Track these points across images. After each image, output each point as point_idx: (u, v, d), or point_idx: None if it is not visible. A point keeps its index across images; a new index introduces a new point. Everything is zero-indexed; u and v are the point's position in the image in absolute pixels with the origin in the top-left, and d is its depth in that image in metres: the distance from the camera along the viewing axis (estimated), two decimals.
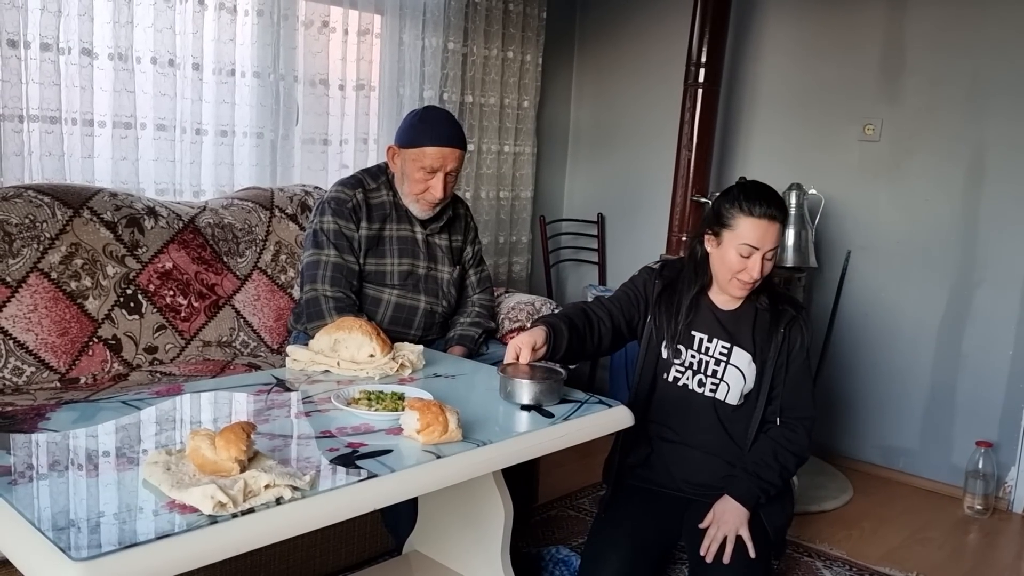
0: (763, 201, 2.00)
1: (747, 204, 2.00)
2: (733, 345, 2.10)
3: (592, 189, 4.32)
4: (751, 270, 2.01)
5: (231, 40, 2.85)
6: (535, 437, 1.63)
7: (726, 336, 2.11)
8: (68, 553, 1.05)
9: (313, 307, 2.30)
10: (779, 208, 2.02)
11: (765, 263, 2.02)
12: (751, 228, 1.99)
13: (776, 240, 2.02)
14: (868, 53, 3.40)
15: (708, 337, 2.12)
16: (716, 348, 2.11)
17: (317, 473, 1.33)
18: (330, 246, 2.32)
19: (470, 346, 2.46)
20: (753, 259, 2.00)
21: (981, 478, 3.08)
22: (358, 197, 2.36)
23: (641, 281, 2.21)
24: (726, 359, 2.10)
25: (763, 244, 2.00)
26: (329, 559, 2.27)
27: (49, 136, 2.48)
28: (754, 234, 1.99)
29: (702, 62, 3.37)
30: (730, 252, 2.03)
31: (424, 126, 2.32)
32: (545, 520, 2.80)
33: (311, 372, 1.93)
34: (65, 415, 1.57)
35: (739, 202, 2.02)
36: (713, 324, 2.13)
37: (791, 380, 2.10)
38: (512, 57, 3.85)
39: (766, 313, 2.11)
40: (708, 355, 2.11)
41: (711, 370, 2.10)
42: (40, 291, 2.21)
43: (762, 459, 2.03)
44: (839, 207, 3.46)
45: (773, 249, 2.02)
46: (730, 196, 2.06)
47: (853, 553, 2.71)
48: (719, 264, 2.07)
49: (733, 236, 2.02)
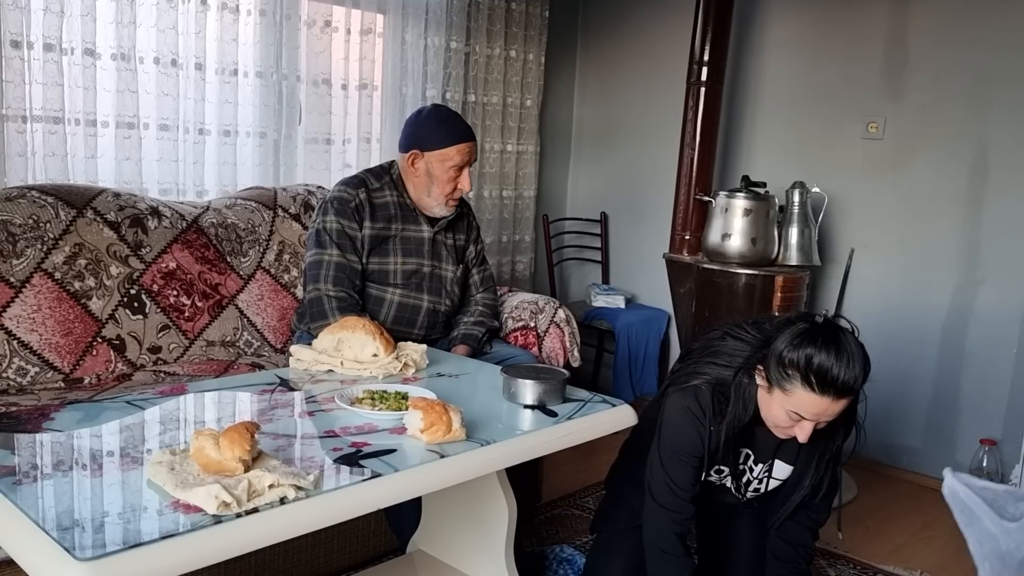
0: (836, 372, 1.55)
1: (814, 374, 1.56)
2: (774, 460, 1.87)
3: (595, 188, 4.32)
4: (799, 434, 1.66)
5: (234, 40, 2.85)
6: (539, 436, 1.63)
7: (767, 456, 1.86)
8: (72, 553, 1.05)
9: (316, 307, 2.30)
10: (855, 379, 1.56)
11: (819, 426, 1.66)
12: (809, 403, 1.59)
13: (836, 414, 1.62)
14: (871, 50, 3.39)
15: (754, 456, 1.86)
16: (760, 470, 1.88)
17: (321, 473, 1.33)
18: (332, 246, 2.33)
19: (474, 345, 2.46)
20: (804, 425, 1.64)
21: (985, 476, 3.07)
22: (361, 197, 2.37)
23: (694, 436, 1.77)
24: (768, 475, 1.90)
25: (818, 418, 1.63)
26: (333, 558, 2.27)
27: (52, 136, 2.48)
28: (812, 410, 1.60)
29: (705, 60, 3.36)
30: (777, 409, 1.66)
31: (445, 126, 2.36)
32: (549, 519, 2.80)
33: (315, 372, 1.93)
34: (69, 415, 1.57)
35: (804, 367, 1.57)
36: (760, 444, 1.85)
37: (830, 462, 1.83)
38: (515, 56, 3.85)
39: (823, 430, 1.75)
40: (752, 475, 1.90)
41: (753, 487, 1.92)
42: (44, 291, 2.21)
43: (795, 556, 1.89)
44: (843, 205, 3.45)
45: (832, 420, 1.65)
46: (796, 349, 1.59)
47: (857, 551, 2.71)
48: (766, 410, 1.71)
49: (784, 399, 1.63)
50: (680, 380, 1.84)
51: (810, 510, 1.91)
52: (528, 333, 2.67)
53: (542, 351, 2.64)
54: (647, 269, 4.00)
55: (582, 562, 2.29)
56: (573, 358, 2.68)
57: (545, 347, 2.65)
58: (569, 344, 2.68)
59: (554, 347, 2.65)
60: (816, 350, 1.56)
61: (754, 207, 3.09)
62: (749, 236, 3.08)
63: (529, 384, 1.74)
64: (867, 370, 1.60)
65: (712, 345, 1.86)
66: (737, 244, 3.09)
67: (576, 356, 2.70)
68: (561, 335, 2.67)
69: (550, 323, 2.66)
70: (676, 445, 1.78)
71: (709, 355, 1.84)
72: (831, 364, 1.55)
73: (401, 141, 2.44)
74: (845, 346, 1.57)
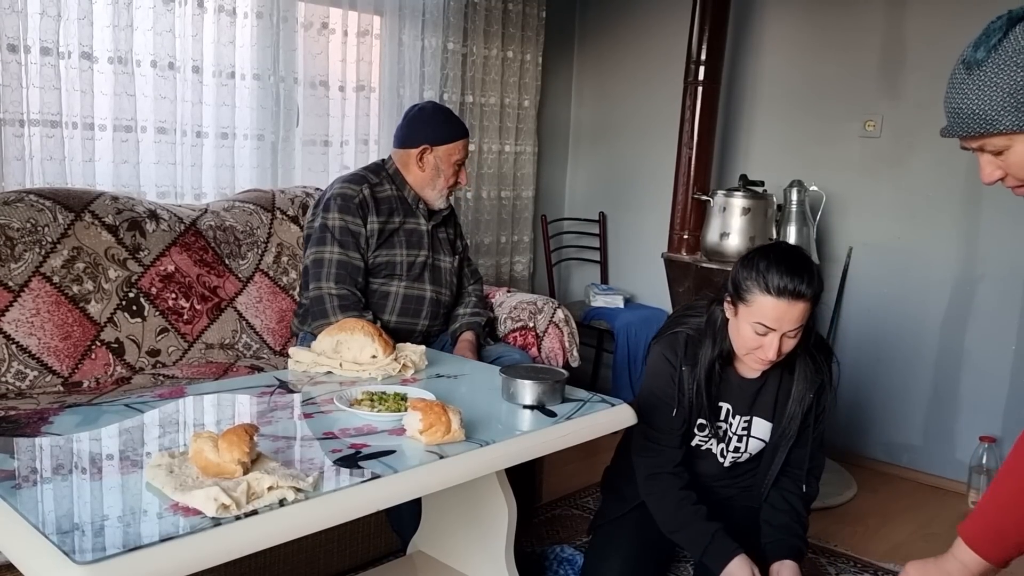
0: (787, 275, 1.72)
1: (767, 278, 1.73)
2: (753, 416, 1.98)
3: (593, 188, 4.32)
4: (767, 350, 1.78)
5: (231, 43, 2.85)
6: (538, 436, 1.63)
7: (746, 408, 1.97)
8: (72, 556, 1.05)
9: (317, 306, 2.31)
10: (807, 282, 1.73)
11: (785, 341, 1.78)
12: (769, 308, 1.74)
13: (800, 319, 1.75)
14: (868, 49, 3.39)
15: (732, 410, 1.97)
16: (738, 424, 1.98)
17: (320, 474, 1.33)
18: (334, 243, 2.34)
19: (478, 331, 2.54)
20: (770, 338, 1.77)
21: (985, 473, 3.07)
22: (364, 192, 2.39)
23: (665, 376, 1.94)
24: (747, 432, 1.99)
25: (781, 325, 1.75)
26: (333, 560, 2.27)
27: (50, 140, 2.48)
28: (772, 314, 1.74)
29: (702, 59, 3.36)
30: (744, 327, 1.80)
31: (450, 122, 2.47)
32: (549, 519, 2.80)
33: (313, 374, 1.93)
34: (68, 419, 1.57)
35: (758, 274, 1.75)
36: (737, 394, 1.96)
37: (814, 441, 1.97)
38: (512, 57, 3.85)
39: (792, 380, 1.93)
40: (732, 430, 1.99)
41: (733, 445, 2.01)
42: (42, 295, 2.21)
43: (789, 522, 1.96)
44: (840, 203, 3.46)
45: (797, 328, 1.77)
46: (750, 264, 1.78)
47: (858, 549, 2.71)
48: (735, 336, 1.85)
49: (748, 312, 1.77)
50: (661, 333, 2.03)
51: (799, 483, 1.98)
52: (527, 333, 2.67)
53: (541, 351, 2.65)
54: (646, 269, 4.00)
55: (582, 562, 2.28)
56: (572, 358, 2.69)
57: (544, 347, 2.65)
58: (568, 344, 2.69)
59: (553, 347, 2.65)
60: (769, 260, 1.76)
61: (752, 206, 3.09)
62: (748, 235, 3.08)
63: (528, 384, 1.74)
64: (819, 278, 1.78)
65: (692, 304, 2.10)
66: (736, 243, 3.09)
67: (575, 356, 2.70)
68: (560, 335, 2.67)
69: (549, 323, 2.67)
70: (652, 388, 1.95)
71: (688, 311, 2.05)
72: (783, 268, 1.73)
73: (405, 137, 2.46)
74: (795, 255, 1.78)
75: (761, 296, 1.74)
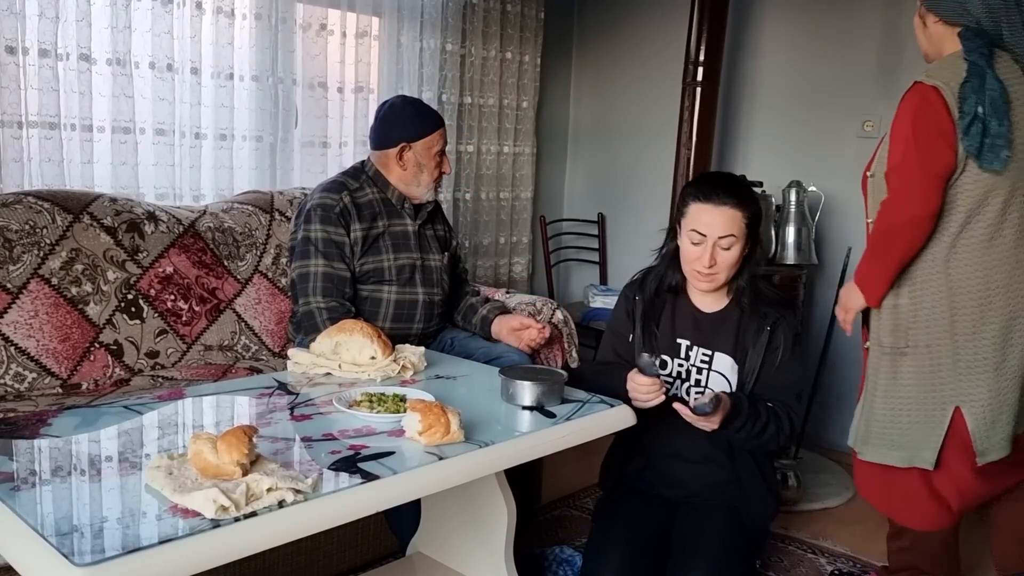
0: (712, 181, 1.95)
1: (696, 186, 1.95)
2: (713, 351, 2.02)
3: (592, 189, 4.32)
4: (702, 258, 1.92)
5: (229, 44, 2.85)
6: (537, 437, 1.63)
7: (706, 341, 2.03)
8: (71, 558, 1.05)
9: (308, 321, 2.29)
10: (732, 193, 1.91)
11: (720, 252, 1.92)
12: (699, 213, 1.92)
13: (729, 227, 1.90)
14: (866, 49, 3.39)
15: (691, 344, 2.04)
16: (697, 356, 2.03)
17: (319, 476, 1.33)
18: (318, 255, 2.31)
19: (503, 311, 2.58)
20: (703, 247, 1.92)
21: None
22: (345, 200, 2.35)
23: (622, 308, 2.13)
24: (708, 366, 2.03)
25: (711, 231, 1.90)
26: (333, 561, 2.27)
27: (48, 142, 2.48)
28: (701, 219, 1.91)
29: (700, 60, 3.37)
30: (685, 243, 1.97)
31: (423, 115, 2.43)
32: (548, 520, 2.80)
33: (312, 375, 1.93)
34: (67, 421, 1.57)
35: (691, 186, 1.97)
36: (695, 329, 2.04)
37: (778, 381, 1.99)
38: (510, 58, 3.85)
39: (749, 314, 2.01)
40: (691, 363, 2.04)
41: (694, 379, 2.03)
42: (41, 297, 2.21)
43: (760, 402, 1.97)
44: (839, 204, 3.46)
45: (728, 236, 1.91)
46: (687, 184, 2.02)
47: (857, 550, 2.71)
48: (683, 258, 2.00)
49: (686, 224, 1.96)
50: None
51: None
52: None
53: (540, 352, 2.64)
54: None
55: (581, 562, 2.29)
56: (571, 359, 2.69)
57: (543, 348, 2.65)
58: (567, 345, 2.69)
59: (552, 348, 2.65)
60: (701, 176, 2.04)
61: None
62: None
63: (527, 385, 1.74)
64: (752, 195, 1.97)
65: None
66: None
67: (574, 357, 2.70)
68: (559, 336, 2.67)
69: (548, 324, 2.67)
70: (610, 323, 2.16)
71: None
72: (710, 177, 2.02)
73: (380, 137, 2.42)
74: (726, 174, 2.03)
75: (692, 204, 1.94)
